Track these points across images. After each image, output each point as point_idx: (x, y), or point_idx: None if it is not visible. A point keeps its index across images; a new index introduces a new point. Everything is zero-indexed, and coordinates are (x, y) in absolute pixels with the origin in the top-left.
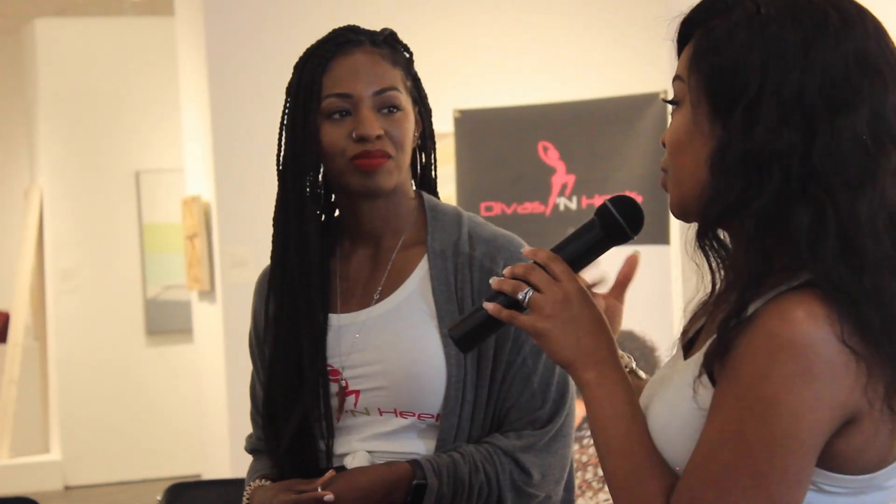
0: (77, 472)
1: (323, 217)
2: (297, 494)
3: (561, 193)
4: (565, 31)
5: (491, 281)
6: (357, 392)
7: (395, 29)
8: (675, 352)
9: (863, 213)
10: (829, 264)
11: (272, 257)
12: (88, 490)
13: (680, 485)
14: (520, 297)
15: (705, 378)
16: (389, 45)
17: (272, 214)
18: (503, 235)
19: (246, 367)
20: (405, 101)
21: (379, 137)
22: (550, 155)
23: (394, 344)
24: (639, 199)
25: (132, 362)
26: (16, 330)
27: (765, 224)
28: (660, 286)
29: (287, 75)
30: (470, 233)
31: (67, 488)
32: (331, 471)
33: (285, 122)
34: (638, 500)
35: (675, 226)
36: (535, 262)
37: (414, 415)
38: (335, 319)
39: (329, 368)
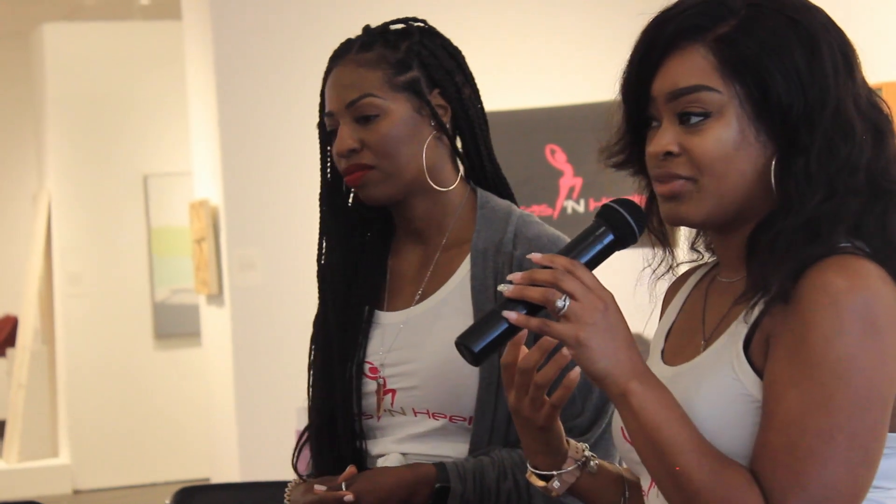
0: (86, 475)
1: (380, 218)
2: (322, 492)
3: (569, 196)
4: (574, 33)
5: (504, 288)
6: (394, 391)
7: None
8: (653, 364)
9: None
10: None
11: (318, 264)
12: (97, 494)
13: (772, 467)
14: (559, 304)
15: (745, 364)
16: (384, 43)
17: (280, 218)
18: (547, 235)
19: (254, 369)
20: (386, 102)
21: (354, 151)
22: (558, 158)
23: (428, 344)
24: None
25: (140, 366)
26: (24, 334)
27: (850, 226)
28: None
29: (294, 79)
30: (516, 231)
31: (76, 492)
32: (351, 466)
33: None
34: (729, 492)
35: (684, 228)
36: (554, 269)
37: (446, 416)
38: (381, 317)
39: (370, 366)
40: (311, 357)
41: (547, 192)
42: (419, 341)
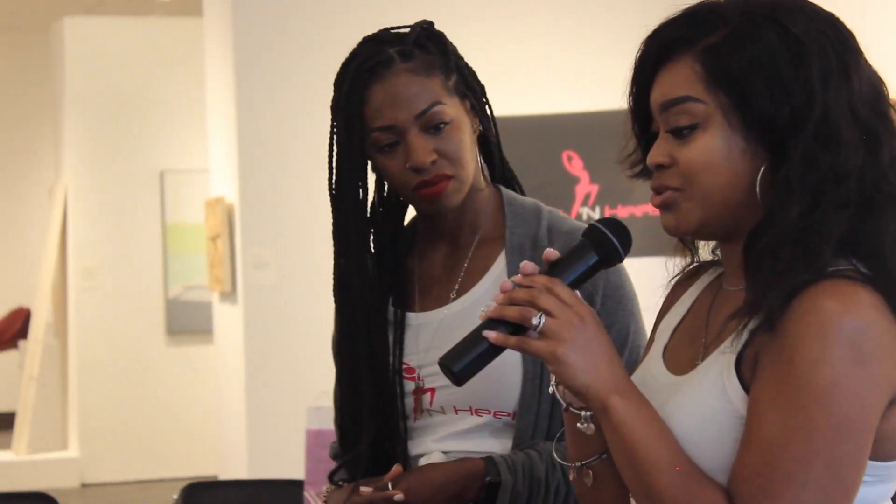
0: (94, 469)
1: (393, 221)
2: (369, 493)
3: (584, 203)
4: (592, 40)
5: (484, 310)
6: (433, 390)
7: None
8: (652, 361)
9: None
10: None
11: (334, 273)
12: (105, 488)
13: (748, 488)
14: (534, 321)
15: (734, 380)
16: (421, 49)
17: (295, 217)
18: (582, 229)
19: (265, 368)
20: (451, 108)
21: (434, 162)
22: (574, 164)
23: None
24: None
25: (152, 362)
26: (37, 327)
27: (839, 238)
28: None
29: (314, 78)
30: (549, 226)
31: (84, 486)
32: (396, 466)
33: (334, 149)
34: None
35: None
36: (532, 287)
37: (489, 412)
38: (413, 318)
39: (406, 367)
40: (339, 367)
41: (563, 198)
42: (459, 338)
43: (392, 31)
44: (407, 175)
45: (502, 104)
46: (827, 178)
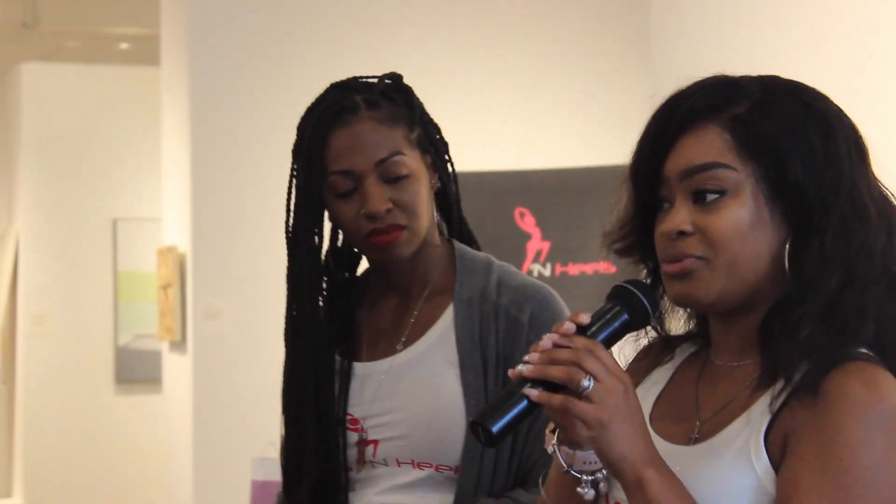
0: None
1: (345, 269)
2: None
3: (535, 260)
4: (546, 99)
5: (523, 368)
6: (376, 442)
7: None
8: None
9: None
10: None
11: (286, 318)
12: None
13: None
14: (584, 384)
15: (763, 456)
16: (387, 99)
17: (248, 268)
18: (532, 285)
19: (213, 418)
20: (411, 161)
21: (388, 211)
22: (527, 221)
23: (414, 392)
24: (612, 269)
25: (100, 410)
26: None
27: (874, 310)
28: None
29: (269, 129)
30: (499, 280)
31: None
32: None
33: (292, 191)
34: None
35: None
36: (575, 348)
37: (432, 466)
38: (360, 368)
39: (350, 417)
40: (286, 412)
41: (515, 254)
42: (404, 389)
43: (360, 79)
44: (360, 221)
45: (456, 160)
46: (860, 250)
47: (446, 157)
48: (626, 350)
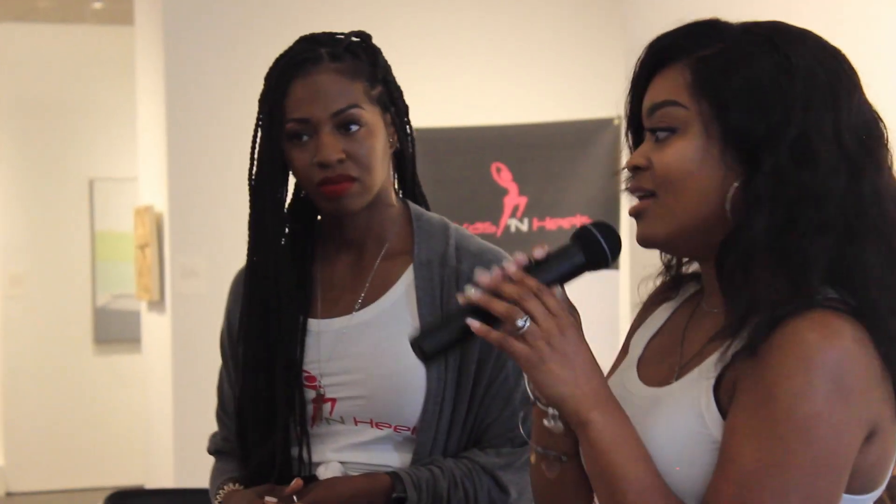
0: (19, 478)
1: (302, 223)
2: (272, 501)
3: (513, 215)
4: (522, 55)
5: (468, 294)
6: (334, 400)
7: None
8: (627, 371)
9: None
10: (889, 293)
11: (247, 265)
12: (30, 497)
13: None
14: (518, 323)
15: (713, 406)
16: (352, 54)
17: (224, 227)
18: (490, 250)
19: (193, 378)
20: (368, 115)
21: (340, 161)
22: (503, 176)
23: (374, 354)
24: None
25: (79, 370)
26: None
27: (825, 264)
28: (609, 311)
29: (244, 88)
30: (457, 245)
31: (9, 494)
32: (297, 479)
33: (256, 140)
34: None
35: (626, 251)
36: (521, 285)
37: (390, 426)
38: (315, 325)
39: (306, 374)
40: (238, 358)
41: (491, 209)
42: (364, 351)
43: (329, 34)
44: (312, 170)
45: (433, 115)
46: (802, 197)
47: (406, 120)
48: (649, 286)
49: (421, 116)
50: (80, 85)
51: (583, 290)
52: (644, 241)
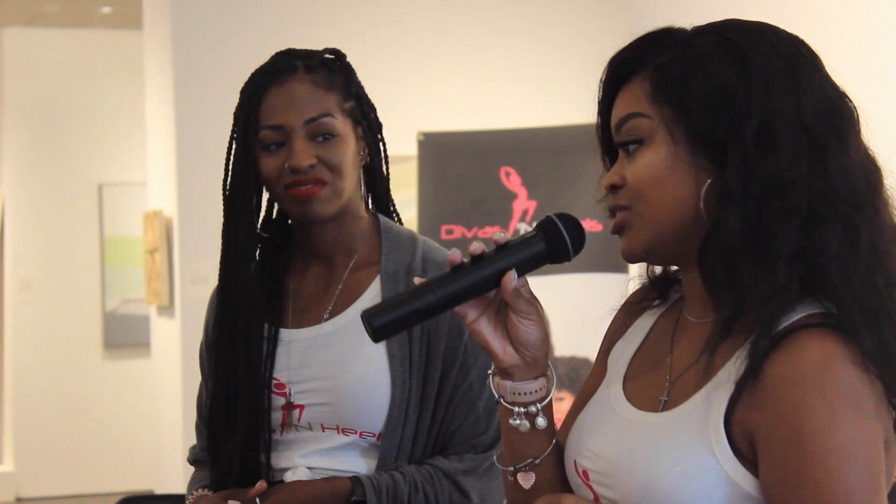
0: (30, 483)
1: (275, 236)
2: None
3: (522, 219)
4: (531, 59)
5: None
6: (302, 407)
7: (360, 52)
8: (613, 392)
9: (884, 231)
10: (859, 284)
11: (220, 275)
12: (40, 502)
13: None
14: None
15: (723, 441)
16: (326, 68)
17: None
18: None
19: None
20: (341, 125)
21: (312, 167)
22: (512, 180)
23: (341, 361)
24: (598, 227)
25: (89, 375)
26: None
27: (791, 251)
28: None
29: None
30: (424, 256)
31: (19, 500)
32: (261, 482)
33: (231, 149)
34: None
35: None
36: None
37: (356, 432)
38: (286, 334)
39: (276, 382)
40: (211, 367)
41: (500, 214)
42: (332, 358)
43: (306, 49)
44: (283, 174)
45: (442, 119)
46: (770, 186)
47: (379, 137)
48: (629, 288)
49: (430, 120)
50: (89, 89)
51: (592, 292)
52: (627, 255)
